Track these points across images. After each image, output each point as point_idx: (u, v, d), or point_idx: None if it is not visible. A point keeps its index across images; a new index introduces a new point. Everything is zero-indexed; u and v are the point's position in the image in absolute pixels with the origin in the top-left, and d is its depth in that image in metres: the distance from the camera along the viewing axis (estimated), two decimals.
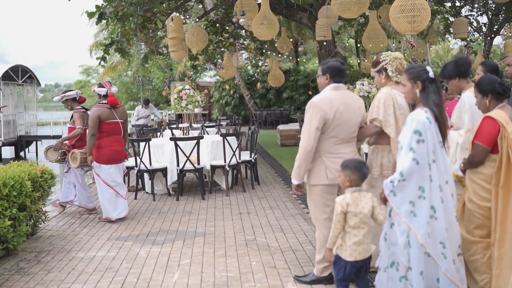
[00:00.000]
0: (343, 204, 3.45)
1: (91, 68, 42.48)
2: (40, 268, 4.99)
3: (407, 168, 3.34)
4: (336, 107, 4.03)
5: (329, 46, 13.49)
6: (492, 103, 3.66)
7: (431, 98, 3.46)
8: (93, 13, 10.79)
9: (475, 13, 15.02)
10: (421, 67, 3.57)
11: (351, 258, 3.47)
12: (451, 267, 3.41)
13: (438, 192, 3.38)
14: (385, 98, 4.09)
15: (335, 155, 4.07)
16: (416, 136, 3.35)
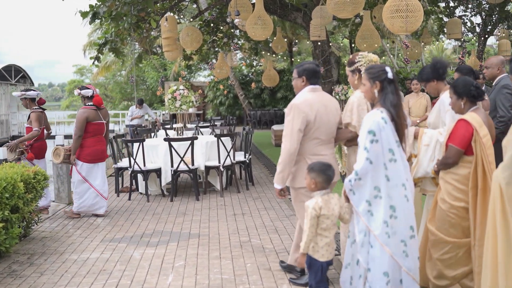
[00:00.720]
0: (316, 208, 3.47)
1: (85, 67, 42.33)
2: (32, 270, 4.95)
3: (361, 167, 3.41)
4: (316, 108, 4.08)
5: (323, 46, 13.48)
6: (467, 105, 3.73)
7: (389, 99, 3.50)
8: (87, 12, 10.72)
9: (469, 13, 15.05)
10: (380, 67, 3.60)
11: (324, 259, 3.55)
12: (412, 265, 3.45)
13: (402, 190, 3.42)
14: (358, 102, 4.13)
15: (318, 156, 4.12)
16: (370, 136, 3.40)
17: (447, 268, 3.81)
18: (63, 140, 8.39)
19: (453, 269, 3.79)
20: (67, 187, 8.09)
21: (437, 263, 3.79)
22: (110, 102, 38.37)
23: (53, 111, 44.72)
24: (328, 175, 3.55)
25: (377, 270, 3.40)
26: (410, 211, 3.49)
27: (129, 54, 22.11)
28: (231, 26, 15.60)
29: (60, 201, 8.10)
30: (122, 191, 8.91)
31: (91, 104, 7.06)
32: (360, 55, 4.23)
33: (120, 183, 8.95)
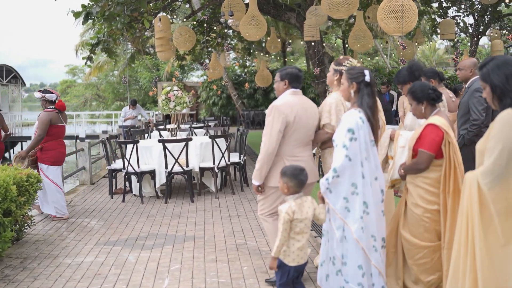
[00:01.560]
0: (290, 212, 3.46)
1: (77, 68, 42.02)
2: (26, 275, 4.88)
3: (340, 164, 3.50)
4: (296, 111, 4.22)
5: (317, 46, 13.46)
6: (428, 109, 3.77)
7: (365, 100, 3.62)
8: (79, 12, 10.64)
9: (462, 14, 15.07)
10: (360, 69, 3.71)
11: (294, 263, 3.53)
12: (379, 259, 3.55)
13: (369, 188, 3.54)
14: (336, 103, 4.29)
15: (296, 158, 4.23)
16: (349, 134, 3.51)
17: (422, 273, 3.80)
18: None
19: (428, 273, 3.79)
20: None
21: (413, 267, 3.80)
22: (102, 102, 38.17)
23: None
24: (300, 180, 3.55)
25: (353, 263, 3.51)
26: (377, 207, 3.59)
27: (121, 54, 21.99)
28: (224, 26, 15.56)
29: None
30: (115, 192, 8.83)
31: (53, 108, 7.21)
32: (349, 61, 4.33)
33: (113, 184, 8.87)
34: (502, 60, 2.98)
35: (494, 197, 2.88)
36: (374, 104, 3.65)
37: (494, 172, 2.87)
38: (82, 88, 40.10)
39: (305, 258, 3.58)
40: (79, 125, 27.29)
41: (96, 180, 10.47)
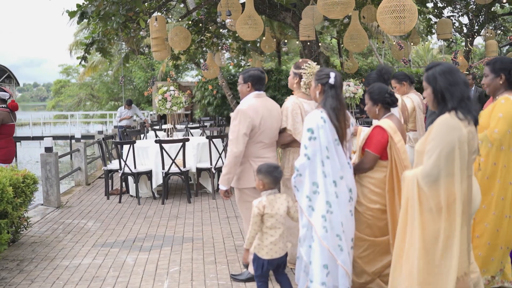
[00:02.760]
0: (260, 207, 3.60)
1: (71, 67, 41.78)
2: (22, 277, 4.83)
3: (300, 163, 3.63)
4: (261, 113, 4.32)
5: (312, 46, 13.44)
6: (381, 112, 3.89)
7: (329, 102, 3.71)
8: (74, 12, 10.56)
9: (457, 14, 15.12)
10: (326, 72, 3.81)
11: (268, 257, 3.65)
12: (347, 259, 3.61)
13: (333, 187, 3.60)
14: (292, 107, 4.41)
15: (261, 159, 4.33)
16: (308, 133, 3.62)
17: (367, 265, 3.94)
18: (52, 142, 8.23)
19: (372, 264, 3.94)
20: (56, 190, 7.95)
21: (357, 261, 3.91)
22: (96, 102, 37.99)
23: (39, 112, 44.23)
24: (275, 176, 3.69)
25: (318, 263, 3.57)
26: (343, 206, 3.65)
27: (116, 54, 21.90)
28: (219, 26, 15.50)
29: (49, 204, 7.95)
30: (112, 193, 8.78)
31: (5, 107, 7.27)
32: (307, 65, 4.44)
33: (110, 185, 8.82)
34: (448, 67, 3.16)
35: (431, 195, 3.08)
36: (338, 105, 3.72)
37: (433, 172, 3.04)
38: (76, 88, 39.85)
39: (281, 252, 3.68)
40: (73, 125, 27.14)
41: (92, 181, 10.40)
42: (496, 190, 3.79)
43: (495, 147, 3.79)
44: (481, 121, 3.82)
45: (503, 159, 3.79)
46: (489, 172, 3.80)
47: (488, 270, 3.85)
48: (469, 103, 3.10)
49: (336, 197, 3.61)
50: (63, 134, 25.55)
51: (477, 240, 3.83)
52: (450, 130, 3.03)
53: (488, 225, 3.82)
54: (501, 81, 3.92)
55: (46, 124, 30.06)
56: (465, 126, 3.06)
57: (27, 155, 24.62)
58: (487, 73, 4.00)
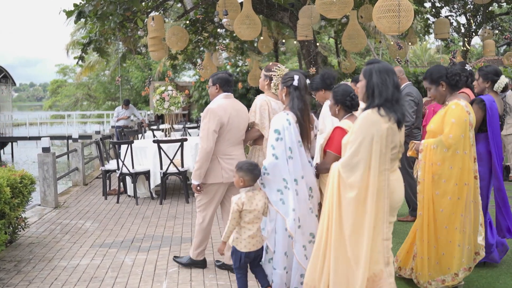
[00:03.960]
0: (239, 203, 3.81)
1: (68, 67, 41.62)
2: (20, 278, 4.80)
3: (268, 163, 3.88)
4: (229, 113, 4.63)
5: (310, 46, 13.43)
6: (341, 112, 3.98)
7: (294, 103, 3.94)
8: (72, 11, 10.52)
9: (454, 14, 15.11)
10: (290, 75, 4.02)
11: (246, 250, 3.86)
12: (300, 250, 3.86)
13: (294, 185, 3.84)
14: (260, 104, 4.67)
15: (229, 156, 4.67)
16: (275, 134, 3.86)
17: None
18: (49, 142, 8.20)
19: None
20: (54, 190, 7.92)
21: None
22: (93, 102, 37.90)
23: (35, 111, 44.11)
24: (255, 174, 3.88)
25: (280, 251, 3.88)
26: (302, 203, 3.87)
27: (113, 54, 21.84)
28: (217, 25, 15.46)
29: (47, 204, 7.92)
30: (109, 193, 8.76)
31: None
32: (277, 68, 4.63)
33: (107, 185, 8.79)
34: (385, 67, 3.41)
35: (349, 185, 3.32)
36: (303, 106, 3.94)
37: (352, 161, 3.32)
38: (73, 88, 39.73)
39: (258, 245, 3.90)
40: (70, 125, 27.07)
41: (89, 181, 10.37)
42: (453, 193, 3.95)
43: (451, 151, 3.95)
44: (433, 127, 4.08)
45: (458, 162, 3.96)
46: (447, 175, 3.96)
47: (452, 267, 4.01)
48: (396, 105, 3.34)
49: (297, 194, 3.84)
50: (60, 134, 25.47)
51: (439, 241, 4.02)
52: (370, 124, 3.29)
53: (448, 227, 3.99)
54: (444, 88, 4.12)
55: (43, 124, 29.97)
56: (385, 122, 3.29)
57: (24, 155, 24.55)
58: (429, 86, 4.20)
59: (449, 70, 4.10)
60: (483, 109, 4.48)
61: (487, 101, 4.49)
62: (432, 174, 3.98)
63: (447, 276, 4.02)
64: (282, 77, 4.15)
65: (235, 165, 4.25)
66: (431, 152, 3.99)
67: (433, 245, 4.03)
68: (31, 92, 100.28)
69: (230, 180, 4.64)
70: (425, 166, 4.02)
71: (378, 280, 3.33)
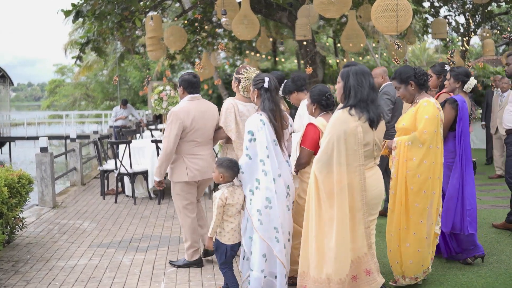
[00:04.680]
0: (223, 198, 3.95)
1: (66, 67, 41.53)
2: (18, 279, 4.77)
3: (242, 163, 3.99)
4: (193, 115, 4.74)
5: (309, 46, 13.42)
6: (317, 111, 4.20)
7: (266, 104, 4.04)
8: (70, 11, 10.50)
9: (453, 13, 15.12)
10: (261, 77, 4.14)
11: (230, 242, 4.01)
12: (282, 250, 3.92)
13: (272, 184, 3.91)
14: (227, 107, 4.81)
15: (194, 156, 4.80)
16: (249, 135, 3.96)
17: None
18: (47, 142, 8.17)
19: None
20: (51, 190, 7.89)
21: (293, 251, 4.15)
22: (92, 102, 37.84)
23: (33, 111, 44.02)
24: (234, 171, 4.01)
25: (257, 253, 3.91)
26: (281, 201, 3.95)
27: (111, 54, 21.80)
28: (215, 25, 15.44)
29: (44, 204, 7.89)
30: (107, 193, 8.73)
31: None
32: (245, 70, 4.76)
33: (105, 185, 8.77)
34: (362, 70, 3.64)
35: (323, 182, 3.53)
36: (274, 107, 4.05)
37: (322, 158, 3.54)
38: (71, 87, 39.66)
39: (239, 238, 4.05)
40: (68, 125, 27.01)
41: (88, 181, 10.34)
42: (427, 187, 4.07)
43: (425, 146, 4.07)
44: (405, 124, 4.19)
45: (431, 157, 4.08)
46: (421, 170, 4.06)
47: (425, 263, 4.12)
48: (371, 105, 3.56)
49: (275, 193, 3.92)
50: (58, 134, 25.43)
51: (415, 237, 4.08)
52: (339, 123, 3.53)
53: (423, 221, 4.08)
54: (413, 87, 4.25)
55: (41, 124, 29.90)
56: (355, 120, 3.52)
57: (21, 155, 24.49)
58: (398, 86, 4.33)
59: (417, 70, 4.26)
60: (456, 109, 4.68)
61: (459, 101, 4.70)
62: (406, 170, 4.08)
63: (420, 274, 4.13)
64: (252, 79, 4.26)
65: (201, 165, 4.72)
66: (406, 149, 4.09)
67: (407, 242, 4.09)
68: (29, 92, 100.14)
69: (196, 179, 4.83)
70: (399, 163, 4.12)
71: (364, 262, 3.65)
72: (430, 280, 4.34)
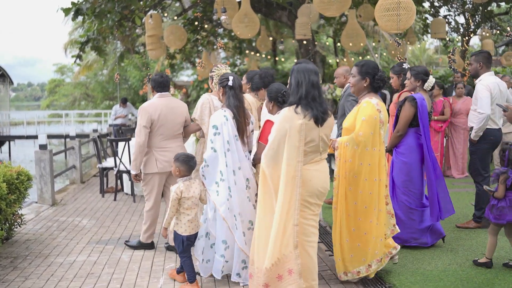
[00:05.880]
0: (178, 192, 4.15)
1: (65, 66, 41.47)
2: (16, 274, 4.76)
3: (208, 156, 4.25)
4: (160, 110, 5.12)
5: (308, 45, 13.41)
6: (275, 108, 4.36)
7: (230, 101, 4.35)
8: (69, 9, 10.50)
9: (453, 13, 15.09)
10: (226, 76, 4.43)
11: (186, 233, 4.22)
12: (241, 237, 4.21)
13: (232, 176, 4.21)
14: (203, 102, 5.11)
15: (163, 149, 5.16)
16: (213, 130, 4.25)
17: None
18: (46, 140, 8.15)
19: None
20: (51, 187, 7.88)
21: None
22: (91, 101, 37.81)
23: (33, 111, 43.99)
24: (190, 165, 4.25)
25: (219, 238, 4.25)
26: (240, 192, 4.24)
27: (111, 53, 21.79)
28: (215, 24, 15.43)
29: (44, 202, 7.88)
30: (107, 191, 8.72)
31: None
32: (217, 67, 5.04)
33: (105, 183, 8.76)
34: (304, 67, 3.74)
35: (269, 174, 3.68)
36: (238, 104, 4.34)
37: (268, 153, 3.68)
38: (70, 87, 39.60)
39: (196, 229, 4.28)
40: (68, 124, 26.99)
41: (87, 179, 10.33)
42: (364, 188, 4.15)
43: (361, 148, 4.14)
44: (347, 125, 4.30)
45: (367, 159, 4.15)
46: (357, 171, 4.15)
47: (367, 258, 4.20)
48: (313, 102, 3.66)
49: (235, 184, 4.21)
50: (58, 133, 25.41)
51: (354, 234, 4.20)
52: (284, 120, 3.64)
53: (360, 219, 4.18)
54: (365, 84, 4.31)
55: (41, 123, 29.89)
56: (299, 118, 3.61)
57: (21, 154, 24.47)
58: (355, 74, 4.37)
59: (379, 74, 4.29)
60: (415, 106, 4.87)
61: (418, 99, 4.89)
62: (345, 171, 4.19)
63: (362, 268, 4.21)
64: (219, 78, 4.53)
65: (170, 156, 4.90)
66: (345, 150, 4.20)
67: (346, 238, 4.21)
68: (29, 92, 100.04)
69: (165, 170, 5.18)
70: (340, 163, 4.24)
71: (288, 261, 3.63)
72: (430, 276, 4.33)
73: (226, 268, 4.31)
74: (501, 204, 4.38)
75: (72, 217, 7.05)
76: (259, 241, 3.74)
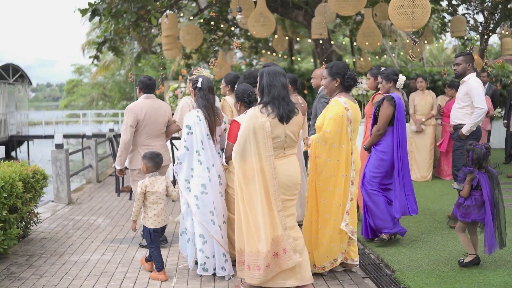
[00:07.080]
0: (142, 186, 4.46)
1: (83, 67, 41.91)
2: (31, 272, 4.80)
3: (180, 153, 4.46)
4: (145, 110, 5.39)
5: (325, 45, 13.34)
6: (242, 108, 4.57)
7: (200, 102, 4.56)
8: (86, 10, 10.59)
9: (472, 11, 14.88)
10: (196, 78, 4.63)
11: (153, 226, 4.51)
12: (218, 231, 4.41)
13: (206, 173, 4.41)
14: (182, 105, 5.57)
15: (148, 147, 5.40)
16: (186, 129, 4.45)
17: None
18: (62, 139, 8.22)
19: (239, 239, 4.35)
20: (67, 186, 7.95)
21: (232, 236, 4.52)
22: (109, 101, 38.14)
23: (51, 111, 44.51)
24: (156, 162, 4.55)
25: (196, 233, 4.42)
26: (214, 187, 4.43)
27: (128, 53, 21.93)
28: (231, 24, 15.44)
29: (60, 201, 7.95)
30: (122, 191, 8.76)
31: None
32: (197, 70, 5.35)
33: (120, 182, 8.80)
34: (273, 70, 4.00)
35: (238, 167, 3.96)
36: (207, 104, 4.54)
37: (237, 149, 3.97)
38: (88, 87, 40.04)
39: (163, 223, 4.56)
40: (86, 124, 27.25)
41: (103, 178, 10.40)
42: (332, 184, 4.31)
43: (328, 145, 4.30)
44: (318, 123, 4.45)
45: (335, 155, 4.31)
46: (326, 168, 4.31)
47: (331, 255, 4.34)
48: (282, 102, 3.91)
49: (209, 180, 4.40)
50: (75, 133, 25.67)
51: (321, 231, 4.34)
52: (249, 118, 3.92)
53: (328, 216, 4.31)
54: (337, 84, 4.47)
55: (59, 124, 30.21)
56: (263, 117, 3.88)
57: (39, 153, 24.77)
58: (326, 76, 4.53)
59: (348, 73, 4.43)
60: (394, 105, 5.04)
61: (397, 98, 5.07)
62: (315, 167, 4.35)
63: (326, 263, 4.36)
64: (190, 80, 4.79)
65: None
66: (315, 146, 4.36)
67: (316, 235, 4.36)
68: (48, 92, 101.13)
69: None
70: (311, 160, 4.38)
71: (280, 242, 3.92)
72: (446, 277, 4.26)
73: (209, 266, 4.43)
74: (467, 203, 4.45)
75: (87, 216, 7.10)
76: (248, 229, 3.96)
